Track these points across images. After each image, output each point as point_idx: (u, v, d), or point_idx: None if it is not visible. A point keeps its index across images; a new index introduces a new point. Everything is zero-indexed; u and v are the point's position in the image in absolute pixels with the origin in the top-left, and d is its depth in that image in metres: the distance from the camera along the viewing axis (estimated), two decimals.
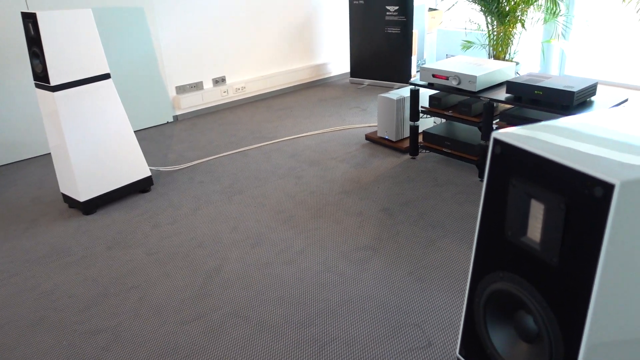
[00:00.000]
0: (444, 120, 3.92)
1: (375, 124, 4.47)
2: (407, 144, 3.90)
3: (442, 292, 2.33)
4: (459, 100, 3.50)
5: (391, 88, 5.54)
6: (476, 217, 2.91)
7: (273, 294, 2.39)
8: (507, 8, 4.44)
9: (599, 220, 0.85)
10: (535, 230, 0.98)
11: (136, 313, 2.31)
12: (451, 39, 5.97)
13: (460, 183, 3.34)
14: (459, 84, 3.23)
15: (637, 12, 3.81)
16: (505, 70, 3.33)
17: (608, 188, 0.83)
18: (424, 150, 3.85)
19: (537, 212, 0.97)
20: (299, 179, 3.54)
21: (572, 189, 0.89)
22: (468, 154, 3.41)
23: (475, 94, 3.18)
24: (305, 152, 4.00)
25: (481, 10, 4.64)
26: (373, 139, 4.10)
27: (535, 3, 4.43)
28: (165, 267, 2.64)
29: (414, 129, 3.66)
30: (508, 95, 3.06)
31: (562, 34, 4.61)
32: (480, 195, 3.15)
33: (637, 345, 0.96)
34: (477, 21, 4.95)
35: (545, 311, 0.95)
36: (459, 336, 1.18)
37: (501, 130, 1.04)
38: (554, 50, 5.17)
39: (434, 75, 3.36)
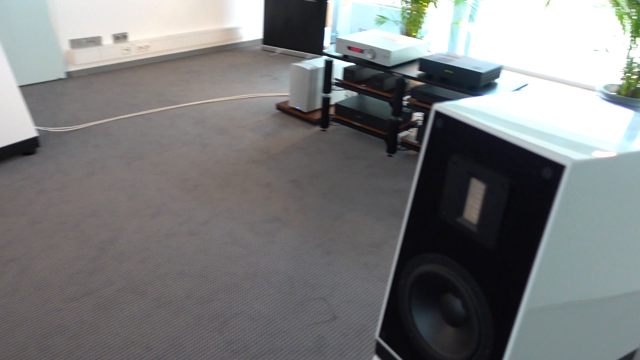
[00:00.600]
0: (355, 94, 3.90)
1: (287, 94, 4.37)
2: (318, 115, 3.85)
3: (348, 265, 2.32)
4: (372, 74, 3.49)
5: (303, 58, 5.44)
6: (384, 192, 2.94)
7: (174, 267, 2.24)
8: None
9: (544, 203, 0.81)
10: (472, 211, 0.93)
11: (15, 289, 2.07)
12: (365, 13, 5.94)
13: (369, 157, 3.35)
14: (373, 57, 3.21)
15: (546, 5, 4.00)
16: (418, 48, 3.36)
17: (558, 169, 0.79)
18: (334, 123, 3.82)
19: (477, 191, 0.91)
20: (205, 147, 3.37)
21: (518, 169, 0.84)
22: (378, 128, 3.43)
23: (388, 69, 3.18)
24: (212, 119, 3.81)
25: None
26: (284, 109, 4.00)
27: None
28: (51, 238, 2.39)
29: (326, 101, 3.61)
30: (420, 72, 3.09)
31: (470, 17, 4.75)
32: (389, 170, 3.19)
33: (569, 332, 0.96)
34: None
35: (477, 295, 0.92)
36: (380, 318, 1.14)
37: (445, 103, 0.98)
38: (461, 32, 5.34)
39: (349, 48, 3.31)
